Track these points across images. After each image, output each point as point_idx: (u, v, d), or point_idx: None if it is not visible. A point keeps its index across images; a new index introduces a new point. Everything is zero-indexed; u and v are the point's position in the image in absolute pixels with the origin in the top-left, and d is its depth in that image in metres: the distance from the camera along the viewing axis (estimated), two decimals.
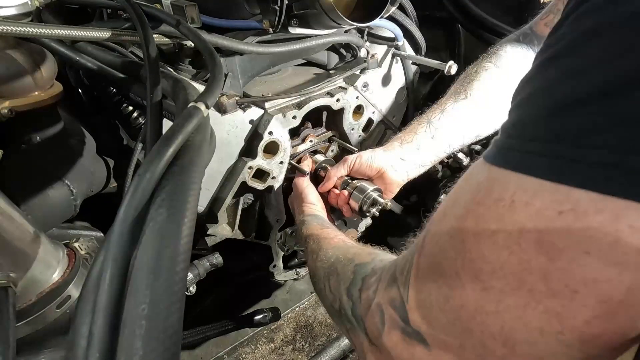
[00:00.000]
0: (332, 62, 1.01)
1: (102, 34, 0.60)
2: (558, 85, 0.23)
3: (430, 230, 0.32)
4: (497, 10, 1.16)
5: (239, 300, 1.23)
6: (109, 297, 0.31)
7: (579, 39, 0.23)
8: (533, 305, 0.23)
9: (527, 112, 0.25)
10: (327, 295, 0.49)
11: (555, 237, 0.22)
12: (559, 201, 0.22)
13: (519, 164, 0.25)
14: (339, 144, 1.00)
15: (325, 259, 0.55)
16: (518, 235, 0.24)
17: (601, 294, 0.21)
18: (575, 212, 0.21)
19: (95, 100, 0.84)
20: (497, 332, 0.25)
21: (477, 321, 0.26)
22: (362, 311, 0.39)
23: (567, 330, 0.22)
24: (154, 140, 0.47)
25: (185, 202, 0.34)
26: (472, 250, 0.26)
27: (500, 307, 0.24)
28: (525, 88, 0.26)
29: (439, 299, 0.29)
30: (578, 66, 0.22)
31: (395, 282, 0.35)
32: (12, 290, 0.45)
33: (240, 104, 0.76)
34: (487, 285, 0.25)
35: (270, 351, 1.15)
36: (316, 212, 0.76)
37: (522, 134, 0.25)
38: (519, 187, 0.24)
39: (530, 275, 0.23)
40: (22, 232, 0.48)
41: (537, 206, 0.23)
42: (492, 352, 0.25)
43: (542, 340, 0.23)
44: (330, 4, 0.70)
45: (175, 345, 0.28)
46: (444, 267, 0.29)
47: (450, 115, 0.80)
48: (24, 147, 0.65)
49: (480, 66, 0.85)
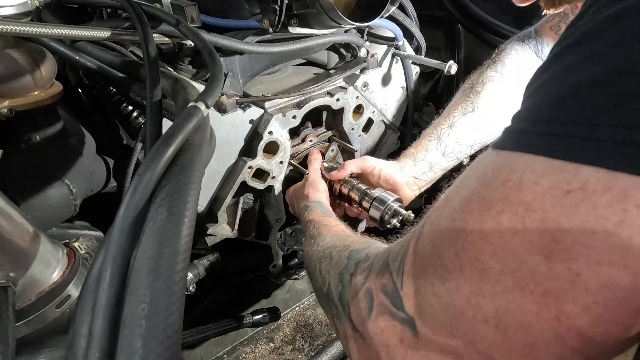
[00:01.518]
0: (332, 62, 1.01)
1: (102, 34, 0.60)
2: (576, 69, 0.23)
3: (430, 216, 0.32)
4: (497, 10, 1.16)
5: (239, 300, 1.23)
6: (109, 297, 0.31)
7: (599, 26, 0.23)
8: (532, 287, 0.22)
9: (541, 97, 0.25)
10: (317, 278, 0.49)
11: (561, 216, 0.21)
12: (567, 180, 0.21)
13: (529, 146, 0.24)
14: (339, 144, 1.00)
15: (322, 244, 0.55)
16: (523, 215, 0.23)
17: (604, 278, 0.20)
18: (584, 191, 0.21)
19: (95, 100, 0.84)
20: (491, 315, 0.24)
21: (472, 303, 0.25)
22: (349, 296, 0.38)
23: (564, 315, 0.21)
24: (154, 140, 0.48)
25: (185, 201, 0.34)
26: (474, 232, 0.26)
27: (497, 289, 0.24)
28: (541, 76, 0.26)
29: (434, 283, 0.28)
30: (598, 50, 0.22)
31: (387, 268, 0.34)
32: (12, 290, 0.45)
33: (240, 104, 0.76)
34: (486, 267, 0.24)
35: (270, 351, 1.15)
36: (322, 200, 0.75)
37: (535, 116, 0.25)
38: (528, 168, 0.23)
39: (531, 256, 0.22)
40: (21, 232, 0.48)
41: (545, 185, 0.22)
42: (484, 338, 0.25)
43: (537, 325, 0.22)
44: (330, 4, 0.70)
45: (175, 345, 0.28)
46: (443, 250, 0.28)
47: (458, 130, 0.83)
48: (24, 147, 0.65)
49: (486, 76, 0.85)
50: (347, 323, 0.38)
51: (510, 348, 0.24)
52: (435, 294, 0.28)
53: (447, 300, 0.27)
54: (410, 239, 0.33)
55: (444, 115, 0.86)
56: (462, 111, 0.84)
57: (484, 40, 1.18)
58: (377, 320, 0.33)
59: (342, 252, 0.47)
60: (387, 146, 1.14)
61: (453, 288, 0.26)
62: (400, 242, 0.35)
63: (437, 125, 0.85)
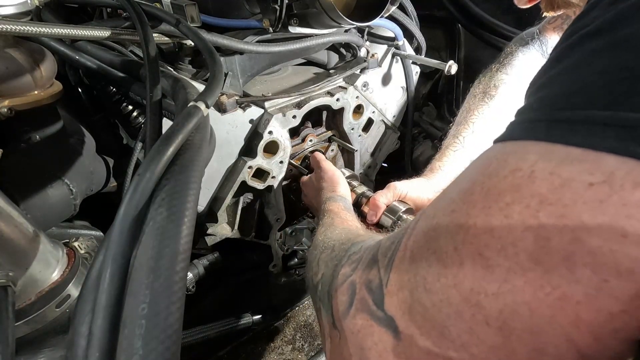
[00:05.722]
0: (332, 62, 1.01)
1: (102, 33, 0.60)
2: (600, 55, 0.21)
3: (425, 211, 0.29)
4: (497, 10, 1.16)
5: (239, 300, 1.23)
6: (109, 297, 0.31)
7: (627, 13, 0.21)
8: (547, 290, 0.20)
9: (558, 87, 0.23)
10: (313, 267, 0.47)
11: (584, 213, 0.19)
12: (588, 171, 0.19)
13: (542, 133, 0.22)
14: (339, 144, 1.00)
15: (330, 235, 0.52)
16: (537, 208, 0.20)
17: (636, 286, 0.18)
18: (610, 185, 0.18)
19: (95, 100, 0.84)
20: (493, 317, 0.22)
21: (471, 303, 0.22)
22: (334, 288, 0.36)
23: (584, 322, 0.19)
24: (154, 140, 0.47)
25: (185, 201, 0.34)
26: (477, 224, 0.23)
27: (503, 289, 0.21)
28: (552, 69, 0.24)
29: (427, 279, 0.25)
30: (627, 36, 0.20)
31: (376, 263, 0.31)
32: (12, 289, 0.45)
33: (240, 104, 0.76)
34: (492, 263, 0.22)
35: (269, 351, 1.15)
36: (347, 196, 0.74)
37: (550, 104, 0.22)
38: (541, 156, 0.21)
39: (548, 256, 0.20)
40: (21, 231, 0.48)
41: (563, 176, 0.20)
42: (482, 341, 0.22)
43: (549, 331, 0.20)
44: (330, 3, 0.70)
45: (175, 345, 0.28)
46: (440, 243, 0.25)
47: (481, 135, 0.80)
48: (24, 146, 0.65)
49: (498, 79, 0.84)
50: (328, 318, 0.35)
51: (511, 353, 0.22)
52: (428, 290, 0.25)
53: (442, 297, 0.24)
54: (402, 234, 0.30)
55: (461, 123, 0.84)
56: (481, 116, 0.82)
57: (484, 40, 1.18)
58: (355, 317, 0.30)
59: (344, 244, 0.44)
60: (387, 146, 1.14)
61: (450, 284, 0.24)
62: (391, 236, 0.32)
63: (457, 134, 0.82)
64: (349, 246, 0.42)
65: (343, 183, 0.77)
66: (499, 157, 0.24)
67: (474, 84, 0.90)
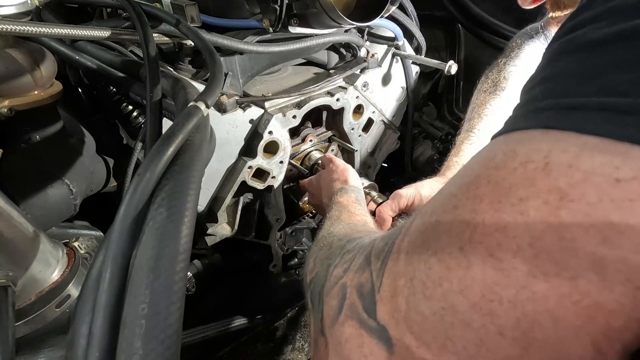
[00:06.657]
0: (332, 62, 1.01)
1: (102, 33, 0.60)
2: (613, 42, 0.19)
3: (421, 210, 0.27)
4: (497, 10, 1.16)
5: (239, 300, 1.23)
6: (109, 297, 0.31)
7: (630, 3, 0.19)
8: (576, 298, 0.18)
9: (565, 76, 0.21)
10: (309, 264, 0.44)
11: (612, 213, 0.17)
12: (614, 165, 0.17)
13: (552, 120, 0.20)
14: (339, 144, 1.00)
15: (332, 230, 0.49)
16: (558, 205, 0.18)
17: None
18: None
19: (95, 100, 0.84)
20: (509, 327, 0.19)
21: (483, 311, 0.20)
22: (325, 291, 0.33)
23: (615, 332, 0.17)
24: (154, 140, 0.48)
25: (185, 201, 0.34)
26: (486, 220, 0.21)
27: (522, 296, 0.19)
28: (556, 59, 0.23)
29: (427, 283, 0.23)
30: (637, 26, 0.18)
31: (368, 265, 0.29)
32: (12, 290, 0.45)
33: (240, 104, 0.76)
34: (507, 266, 0.19)
35: (269, 351, 1.15)
36: (360, 187, 0.70)
37: (561, 92, 0.20)
38: (556, 147, 0.19)
39: (574, 259, 0.18)
40: (21, 231, 0.48)
41: (583, 170, 0.18)
42: (491, 354, 0.20)
43: (575, 341, 0.18)
44: (330, 4, 0.70)
45: (175, 345, 0.28)
46: (442, 245, 0.23)
47: (497, 127, 0.78)
48: (24, 146, 0.65)
49: (507, 71, 0.83)
50: (316, 323, 0.33)
51: None
52: (428, 296, 0.22)
53: (444, 305, 0.21)
54: (397, 234, 0.28)
55: (473, 118, 0.82)
56: (494, 107, 0.80)
57: (484, 40, 1.18)
58: (344, 325, 0.27)
59: (341, 241, 0.41)
60: (387, 146, 1.14)
61: (455, 290, 0.21)
62: (385, 236, 0.30)
63: (471, 128, 0.79)
64: (345, 243, 0.39)
65: (353, 174, 0.74)
66: (504, 148, 0.22)
67: (481, 81, 0.89)
